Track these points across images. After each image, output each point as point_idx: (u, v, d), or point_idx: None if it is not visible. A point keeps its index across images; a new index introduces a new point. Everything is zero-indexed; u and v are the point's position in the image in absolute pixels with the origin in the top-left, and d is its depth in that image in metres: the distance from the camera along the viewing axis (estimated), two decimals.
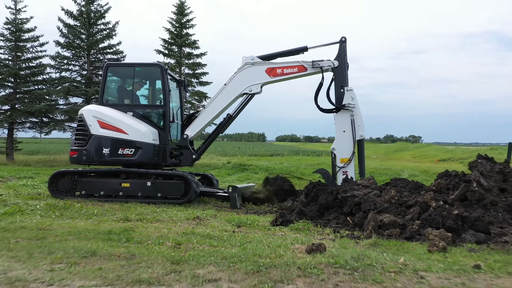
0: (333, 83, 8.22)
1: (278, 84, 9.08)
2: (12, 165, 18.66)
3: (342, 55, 8.21)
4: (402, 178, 7.48)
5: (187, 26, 21.85)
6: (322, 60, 8.25)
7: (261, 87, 8.52)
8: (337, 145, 8.03)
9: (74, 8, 21.09)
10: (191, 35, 21.96)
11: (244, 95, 8.60)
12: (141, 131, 8.34)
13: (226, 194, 8.24)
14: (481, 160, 6.33)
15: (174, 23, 21.90)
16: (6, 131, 21.14)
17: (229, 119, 8.80)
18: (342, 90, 8.07)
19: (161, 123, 8.69)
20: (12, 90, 21.28)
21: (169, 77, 8.91)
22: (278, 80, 8.53)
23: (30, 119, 21.40)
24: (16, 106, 20.85)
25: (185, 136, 8.80)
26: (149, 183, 8.12)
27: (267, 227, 5.81)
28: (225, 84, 8.65)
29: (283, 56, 8.60)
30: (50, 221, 5.74)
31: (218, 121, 9.10)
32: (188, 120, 9.27)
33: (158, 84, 9.19)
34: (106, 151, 8.32)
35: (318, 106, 8.35)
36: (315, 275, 3.22)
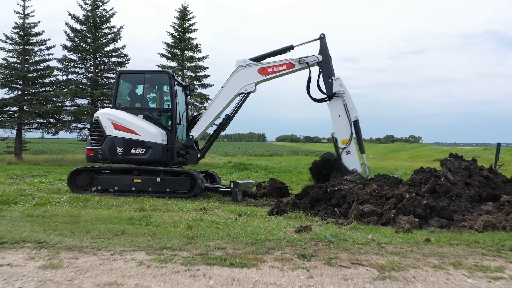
0: (321, 76, 9.07)
1: (278, 85, 10.16)
2: (22, 164, 19.64)
3: (324, 50, 9.12)
4: (385, 175, 8.47)
5: (190, 30, 22.86)
6: (307, 56, 9.13)
7: (255, 86, 9.45)
8: (336, 129, 8.87)
9: (80, 13, 22.10)
10: (193, 39, 22.98)
11: (241, 95, 9.50)
12: (151, 132, 9.31)
13: (228, 189, 9.22)
14: (451, 158, 7.33)
15: (176, 27, 22.90)
16: (14, 131, 22.14)
17: (228, 119, 9.70)
18: (330, 80, 8.94)
19: (169, 125, 9.66)
20: (20, 92, 22.27)
21: (180, 84, 9.89)
22: (270, 78, 9.42)
23: (38, 120, 22.38)
24: (24, 108, 21.83)
25: (190, 136, 9.75)
26: (159, 179, 9.10)
27: (264, 216, 6.79)
28: (222, 87, 9.59)
29: (272, 56, 9.46)
30: (78, 211, 6.73)
31: (218, 121, 10.05)
32: (192, 122, 10.23)
33: (166, 89, 10.16)
34: (119, 150, 9.29)
35: (311, 97, 9.26)
36: (300, 245, 4.20)
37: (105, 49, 22.38)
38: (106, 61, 22.78)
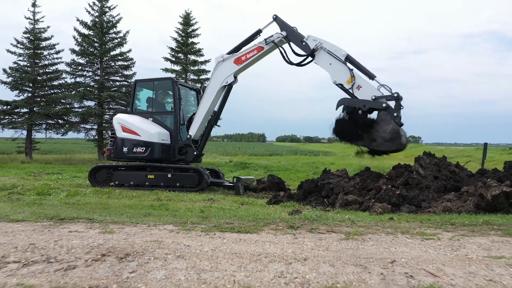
0: (293, 47, 9.38)
1: (278, 85, 11.15)
2: (34, 163, 20.95)
3: (283, 25, 9.56)
4: (370, 170, 9.75)
5: (193, 35, 24.20)
6: (271, 36, 9.66)
7: (234, 77, 10.18)
8: (335, 76, 8.80)
9: (88, 19, 23.43)
10: (196, 43, 24.32)
11: (224, 88, 10.34)
12: (150, 133, 10.55)
13: (232, 184, 10.52)
14: (423, 156, 8.63)
15: (180, 32, 24.23)
16: (25, 132, 23.46)
17: (215, 114, 10.66)
18: (304, 43, 9.18)
19: (172, 126, 10.91)
20: (30, 94, 23.60)
21: (186, 86, 11.14)
22: (246, 65, 10.04)
23: (47, 121, 23.70)
24: (34, 109, 23.15)
25: (188, 136, 10.92)
26: (169, 175, 10.40)
27: (263, 205, 8.07)
28: (207, 84, 10.64)
29: (245, 45, 10.06)
30: (105, 200, 8.04)
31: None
32: (189, 122, 11.39)
33: (170, 93, 11.39)
34: (125, 149, 10.60)
35: (293, 63, 9.52)
36: (290, 222, 5.49)
37: (112, 53, 23.70)
38: (112, 64, 24.10)
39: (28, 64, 23.61)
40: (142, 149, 10.49)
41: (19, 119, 23.02)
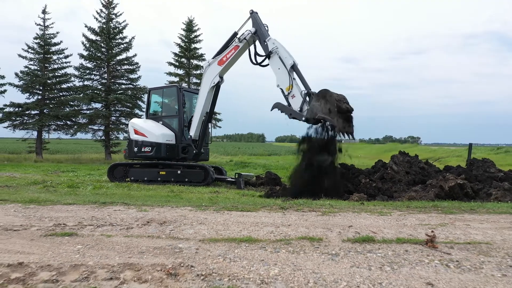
0: (258, 45, 10.47)
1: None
2: (46, 162, 22.57)
3: (256, 22, 10.62)
4: (353, 167, 11.37)
5: (195, 41, 25.84)
6: (243, 33, 10.80)
7: (220, 77, 11.50)
8: (279, 81, 9.82)
9: (95, 25, 25.04)
10: (198, 49, 25.97)
11: (213, 88, 11.76)
12: (156, 135, 12.19)
13: (234, 180, 12.14)
14: (397, 154, 10.27)
15: (183, 38, 25.88)
16: (35, 133, 25.06)
17: (207, 114, 12.13)
18: (265, 43, 10.21)
19: (176, 128, 12.54)
20: (40, 96, 25.22)
21: (190, 91, 12.78)
22: (227, 64, 11.30)
23: (56, 122, 25.32)
24: (44, 111, 24.75)
25: (189, 136, 12.54)
26: (179, 172, 12.03)
27: (261, 196, 9.69)
28: (199, 88, 12.21)
29: (225, 48, 11.27)
30: (127, 192, 9.65)
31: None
32: (189, 123, 12.92)
33: (175, 99, 13.00)
34: (135, 149, 12.26)
35: (255, 63, 10.58)
36: (282, 205, 7.11)
37: (118, 58, 25.32)
38: (119, 68, 25.72)
39: (38, 68, 25.22)
40: (149, 149, 12.12)
41: (30, 121, 24.65)
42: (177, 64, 25.64)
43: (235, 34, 11.12)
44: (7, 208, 6.30)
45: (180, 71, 25.64)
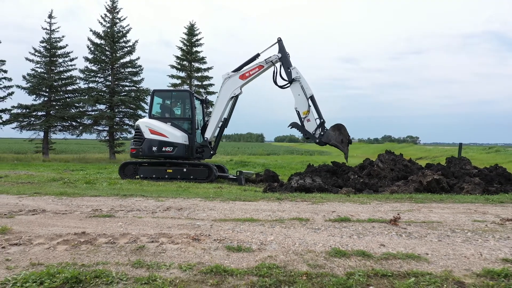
0: (282, 69, 12.68)
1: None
2: (54, 161, 23.75)
3: (282, 49, 12.76)
4: (344, 165, 12.59)
5: (196, 44, 27.07)
6: (270, 57, 12.91)
7: (240, 89, 13.41)
8: (297, 105, 12.33)
9: (100, 29, 26.24)
10: (199, 52, 27.20)
11: (232, 98, 13.46)
12: (177, 135, 13.44)
13: (235, 177, 13.36)
14: (384, 153, 11.50)
15: (185, 42, 27.10)
16: (41, 133, 26.24)
17: (225, 121, 13.71)
18: (289, 70, 12.52)
19: (190, 130, 13.78)
20: (47, 98, 26.41)
21: (195, 97, 14.00)
22: (249, 80, 13.22)
23: (62, 123, 26.50)
24: (51, 112, 25.94)
25: (205, 138, 13.86)
26: (185, 169, 13.24)
27: (260, 192, 10.91)
28: (217, 97, 13.71)
29: (246, 65, 13.20)
30: (140, 187, 10.85)
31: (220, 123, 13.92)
32: (203, 127, 14.27)
33: (187, 103, 14.27)
34: (154, 148, 13.44)
35: (278, 85, 12.80)
36: (278, 197, 8.32)
37: (122, 61, 26.52)
38: (122, 71, 26.91)
39: (45, 71, 26.40)
40: (170, 148, 13.32)
41: (37, 121, 25.83)
42: (179, 67, 26.89)
43: (258, 55, 12.99)
44: (45, 199, 7.52)
45: (182, 74, 26.90)
